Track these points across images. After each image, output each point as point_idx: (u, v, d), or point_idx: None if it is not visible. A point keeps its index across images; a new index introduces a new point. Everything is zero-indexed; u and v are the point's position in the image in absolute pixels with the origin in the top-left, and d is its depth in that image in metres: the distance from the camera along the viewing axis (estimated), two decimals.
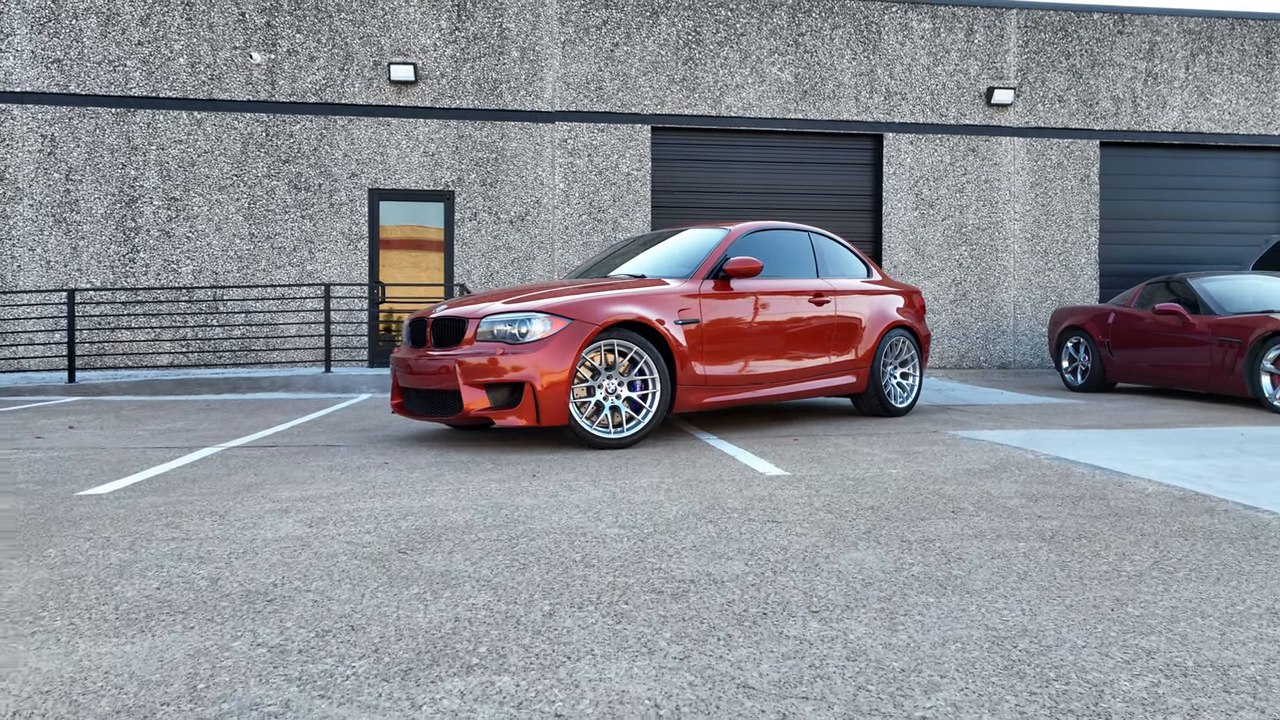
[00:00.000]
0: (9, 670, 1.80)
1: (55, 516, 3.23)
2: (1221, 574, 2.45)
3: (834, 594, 2.28)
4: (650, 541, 2.82)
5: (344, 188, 11.38)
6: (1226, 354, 7.64)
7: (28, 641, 1.96)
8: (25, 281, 10.89)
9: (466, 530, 2.98)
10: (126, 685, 1.73)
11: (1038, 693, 1.68)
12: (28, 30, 10.80)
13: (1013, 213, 12.54)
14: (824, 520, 3.12)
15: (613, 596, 2.26)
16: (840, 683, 1.73)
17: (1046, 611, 2.14)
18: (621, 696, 1.67)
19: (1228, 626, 2.04)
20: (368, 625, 2.06)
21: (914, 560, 2.59)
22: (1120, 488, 3.66)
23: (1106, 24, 12.67)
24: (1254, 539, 2.82)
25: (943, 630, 2.02)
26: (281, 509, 3.33)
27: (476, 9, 11.54)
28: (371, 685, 1.72)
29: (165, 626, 2.05)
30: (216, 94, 11.15)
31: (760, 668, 1.80)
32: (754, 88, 12.04)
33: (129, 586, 2.36)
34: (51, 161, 10.89)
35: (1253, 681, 1.73)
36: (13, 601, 2.24)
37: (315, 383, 9.70)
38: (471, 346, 4.96)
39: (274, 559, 2.63)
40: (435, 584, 2.37)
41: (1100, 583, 2.37)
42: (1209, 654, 1.87)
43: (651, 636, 1.98)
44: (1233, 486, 3.66)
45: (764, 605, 2.19)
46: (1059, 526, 3.00)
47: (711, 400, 5.50)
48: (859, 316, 6.50)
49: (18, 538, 2.91)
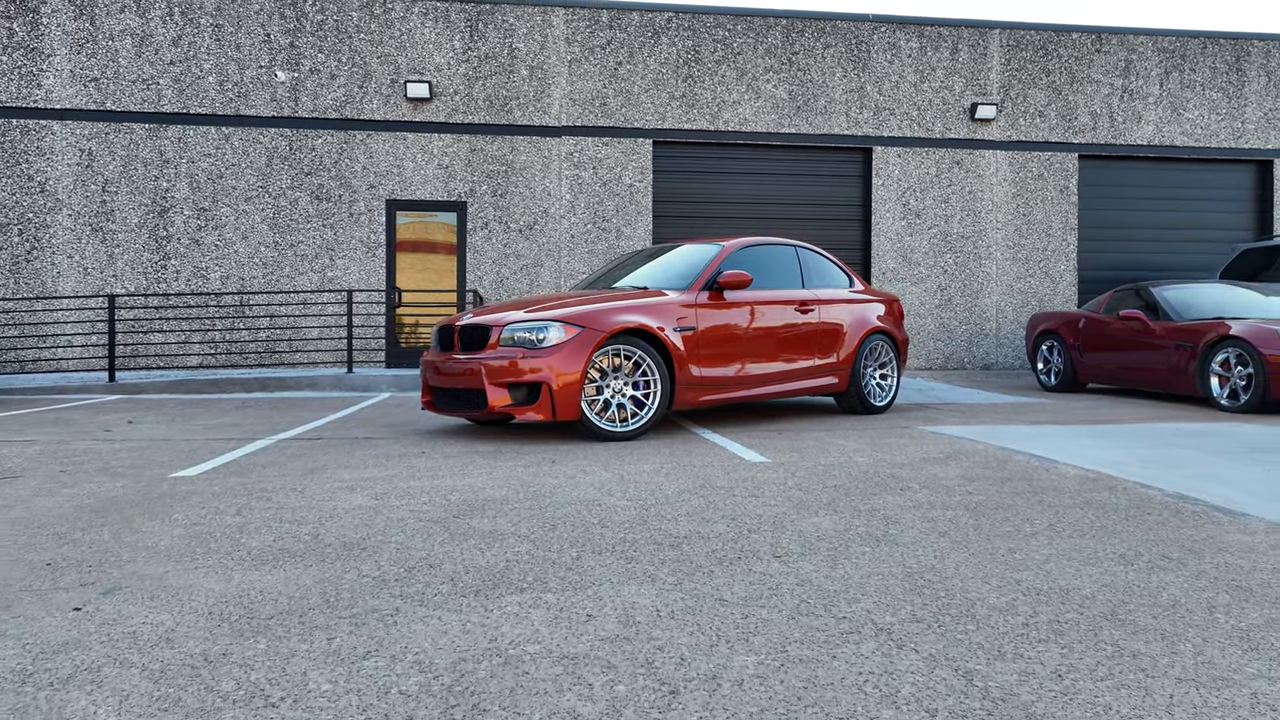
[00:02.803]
0: (193, 590, 2.50)
1: (162, 493, 3.92)
2: (1098, 533, 3.14)
3: (793, 545, 2.97)
4: (652, 510, 3.51)
5: (363, 198, 12.08)
6: (1181, 357, 8.33)
7: (195, 574, 2.66)
8: (64, 287, 11.58)
9: (504, 502, 3.68)
10: (278, 598, 2.42)
11: (929, 603, 2.37)
12: (67, 51, 11.50)
13: (995, 222, 13.23)
14: (794, 495, 3.81)
15: (624, 547, 2.96)
16: (789, 598, 2.42)
17: (953, 556, 2.83)
18: (632, 606, 2.36)
19: (1083, 566, 2.73)
20: (441, 564, 2.75)
21: (860, 524, 3.28)
22: (1046, 472, 4.36)
23: (1085, 43, 13.35)
24: (1136, 509, 3.51)
25: (871, 568, 2.71)
26: (348, 487, 4.03)
27: (488, 30, 12.23)
28: (454, 599, 2.41)
29: (289, 565, 2.74)
30: (243, 110, 11.84)
31: (733, 589, 2.49)
32: (750, 104, 12.73)
33: (251, 540, 3.05)
34: (89, 174, 11.59)
35: (1083, 597, 2.42)
36: (169, 549, 2.94)
37: (338, 382, 10.39)
38: (495, 351, 5.65)
39: (355, 522, 3.32)
40: (486, 538, 3.07)
41: (1001, 538, 3.06)
42: (1061, 582, 2.56)
43: (654, 571, 2.67)
44: (1142, 471, 4.35)
45: (739, 552, 2.88)
46: (984, 500, 3.69)
47: (706, 399, 6.19)
48: (841, 323, 7.19)
49: (143, 507, 3.60)
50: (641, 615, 2.28)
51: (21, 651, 2.04)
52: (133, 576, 2.63)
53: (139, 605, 2.36)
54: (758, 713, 1.72)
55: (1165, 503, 3.62)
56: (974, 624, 2.22)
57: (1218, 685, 1.85)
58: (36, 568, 2.72)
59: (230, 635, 2.14)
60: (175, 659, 2.00)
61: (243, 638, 2.13)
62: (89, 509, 3.57)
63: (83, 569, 2.71)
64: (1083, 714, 1.72)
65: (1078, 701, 1.78)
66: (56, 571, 2.68)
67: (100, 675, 1.91)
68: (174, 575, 2.63)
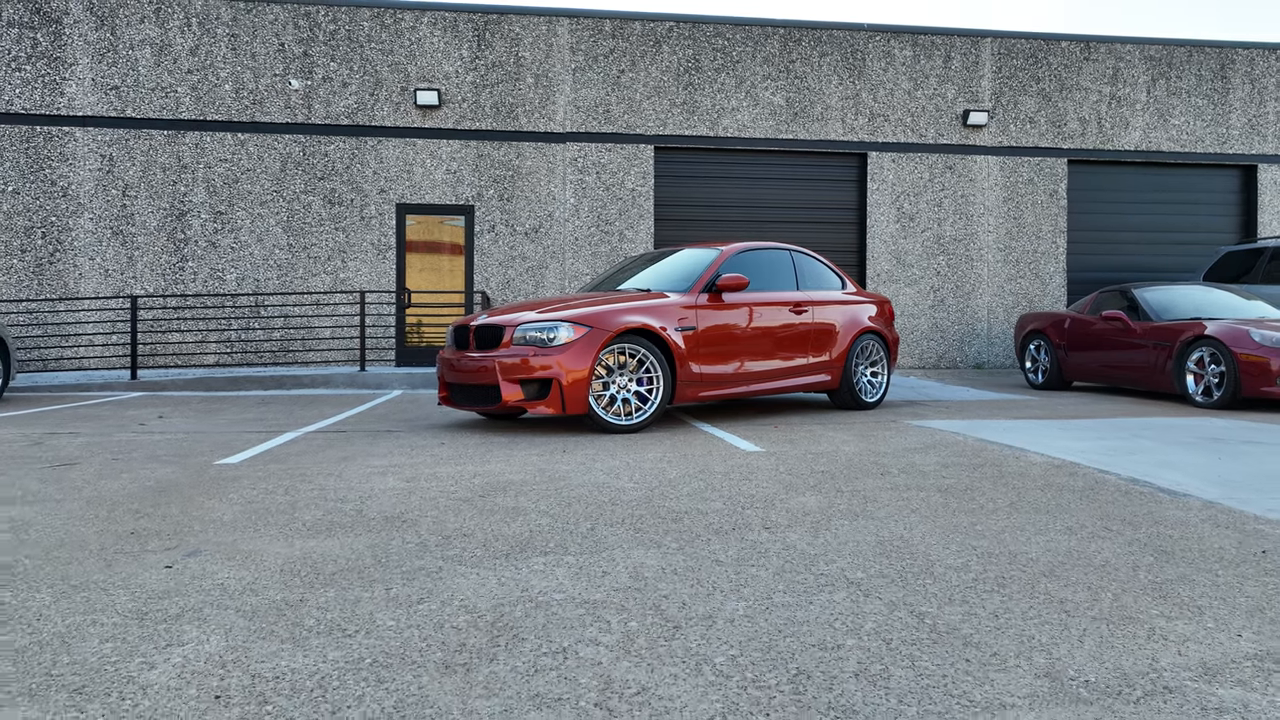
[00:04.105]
0: (262, 553, 2.90)
1: (212, 477, 4.32)
2: (1052, 510, 3.54)
3: (781, 519, 3.37)
4: (657, 491, 3.91)
5: (373, 202, 12.48)
6: (1159, 356, 8.73)
7: (261, 540, 3.06)
8: (86, 288, 11.99)
9: (523, 484, 4.08)
10: (337, 559, 2.82)
11: (894, 562, 2.77)
12: (89, 60, 11.91)
13: (987, 225, 13.63)
14: (785, 479, 4.21)
15: (633, 520, 3.36)
16: (775, 559, 2.82)
17: (920, 528, 3.23)
18: (640, 565, 2.76)
19: (1034, 535, 3.13)
20: (474, 533, 3.15)
21: (842, 502, 3.69)
22: (1016, 460, 4.76)
23: (1074, 51, 13.75)
24: (1090, 491, 3.91)
25: (848, 537, 3.11)
26: (380, 471, 4.43)
27: (495, 39, 12.64)
28: (489, 560, 2.82)
29: (341, 534, 3.15)
30: (258, 117, 12.25)
31: (727, 553, 2.90)
32: (748, 110, 13.14)
33: (303, 514, 3.45)
34: (110, 179, 11.99)
35: (1028, 559, 2.82)
36: (233, 521, 3.34)
37: (352, 380, 10.79)
38: (508, 349, 6.05)
39: (393, 500, 3.72)
40: (511, 513, 3.47)
41: (965, 514, 3.46)
42: (1011, 547, 2.96)
43: (659, 539, 3.07)
44: (1103, 459, 4.75)
45: (733, 524, 3.28)
46: (955, 483, 4.09)
47: (706, 394, 6.59)
48: (833, 323, 7.59)
49: (199, 488, 4.00)
50: (649, 572, 2.68)
51: (132, 598, 2.45)
52: (208, 543, 3.03)
53: (219, 564, 2.77)
54: (745, 641, 2.12)
55: (1118, 485, 4.03)
56: (931, 579, 2.62)
57: (1124, 622, 2.25)
58: (123, 536, 3.13)
59: (303, 586, 2.55)
60: (261, 604, 2.40)
61: (313, 588, 2.53)
62: (151, 490, 3.97)
63: (163, 537, 3.11)
64: (1009, 642, 2.12)
65: (1008, 634, 2.18)
66: (141, 539, 3.08)
67: (203, 614, 2.31)
68: (243, 542, 3.04)
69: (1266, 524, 3.28)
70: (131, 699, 1.81)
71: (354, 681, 1.89)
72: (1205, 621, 2.25)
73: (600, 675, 1.92)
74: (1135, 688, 1.86)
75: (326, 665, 1.98)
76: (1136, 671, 1.94)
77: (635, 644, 2.10)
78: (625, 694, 1.83)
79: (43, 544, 3.03)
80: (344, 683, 1.88)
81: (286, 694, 1.83)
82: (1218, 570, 2.70)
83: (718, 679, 1.90)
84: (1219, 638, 2.14)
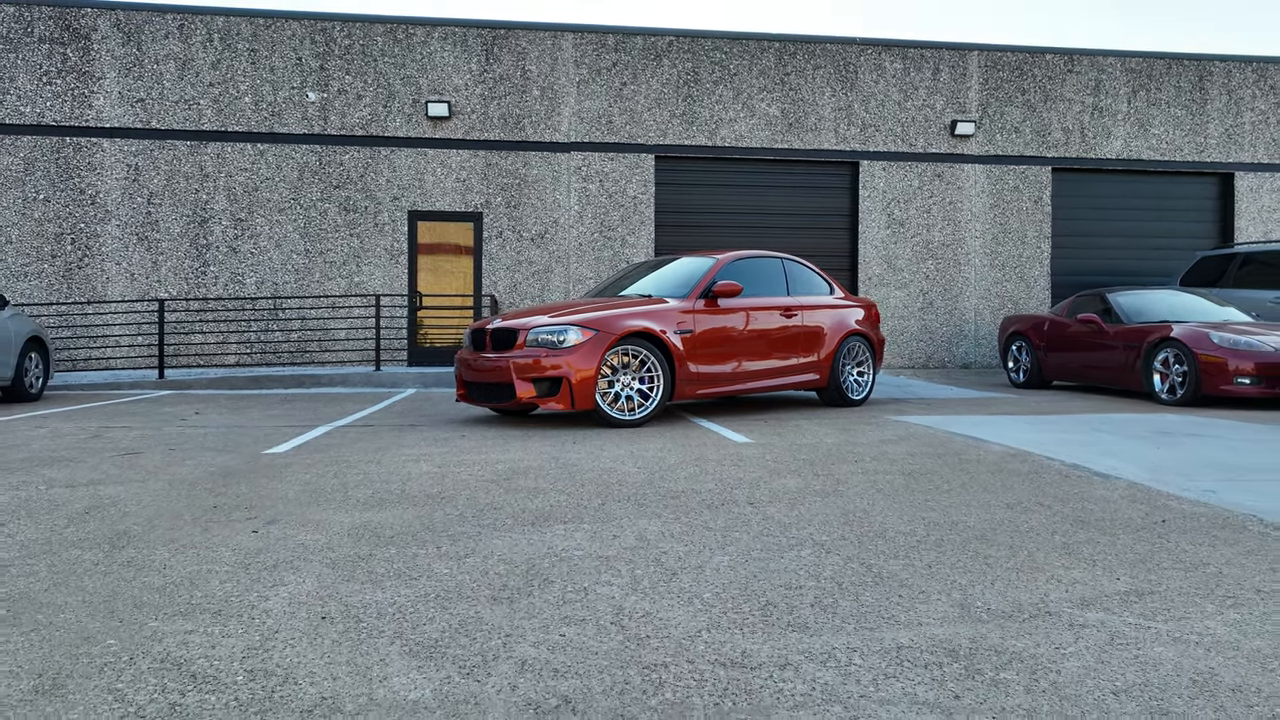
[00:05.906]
0: (329, 522, 3.48)
1: (263, 465, 4.90)
2: (996, 490, 4.11)
3: (763, 497, 3.95)
4: (657, 475, 4.49)
5: (386, 209, 13.06)
6: (1129, 356, 9.30)
7: (326, 512, 3.64)
8: (113, 292, 12.57)
9: (540, 470, 4.66)
10: (393, 526, 3.40)
11: (854, 529, 3.35)
12: (116, 74, 12.49)
13: (974, 231, 14.20)
14: (770, 465, 4.78)
15: (637, 497, 3.93)
16: (756, 526, 3.40)
17: (881, 504, 3.81)
18: (644, 531, 3.34)
19: (976, 509, 3.70)
20: (504, 507, 3.73)
21: (818, 484, 4.26)
22: (977, 449, 5.33)
23: (1058, 63, 14.32)
24: (1035, 474, 4.48)
25: (819, 510, 3.68)
26: (414, 459, 5.01)
27: (502, 53, 13.22)
28: (518, 528, 3.39)
29: (391, 507, 3.72)
30: (277, 128, 12.83)
31: (716, 522, 3.47)
32: (745, 121, 13.71)
33: (355, 493, 4.03)
34: (135, 187, 12.58)
35: (966, 526, 3.40)
36: (296, 498, 3.92)
37: (368, 379, 11.37)
38: (522, 350, 6.63)
39: (430, 482, 4.30)
40: (532, 492, 4.05)
41: (922, 493, 4.04)
42: (954, 517, 3.54)
43: (659, 512, 3.65)
44: (1055, 449, 5.32)
45: (722, 500, 3.86)
46: (919, 468, 4.67)
47: (703, 392, 7.16)
48: (822, 326, 8.16)
49: (258, 473, 4.58)
50: (651, 535, 3.26)
51: (234, 553, 3.02)
52: (282, 515, 3.61)
53: (296, 530, 3.35)
54: (727, 584, 2.70)
55: (1061, 470, 4.60)
56: (882, 541, 3.19)
57: (1032, 571, 2.83)
58: (207, 509, 3.70)
59: (369, 545, 3.12)
60: (338, 557, 2.97)
61: (378, 547, 3.11)
62: (216, 474, 4.55)
63: (242, 509, 3.69)
64: (936, 584, 2.69)
65: (936, 578, 2.75)
66: (223, 512, 3.66)
67: (296, 564, 2.89)
68: (311, 514, 3.62)
69: (1175, 500, 3.86)
70: (259, 619, 2.38)
71: (425, 608, 2.46)
72: (1096, 571, 2.83)
73: (614, 605, 2.50)
74: (1024, 612, 2.43)
75: (401, 599, 2.55)
76: (1029, 602, 2.52)
77: (641, 585, 2.68)
78: (634, 615, 2.40)
79: (143, 515, 3.60)
80: (417, 609, 2.46)
81: (374, 616, 2.40)
82: (1120, 535, 3.28)
83: (704, 607, 2.48)
84: (1101, 580, 2.72)
